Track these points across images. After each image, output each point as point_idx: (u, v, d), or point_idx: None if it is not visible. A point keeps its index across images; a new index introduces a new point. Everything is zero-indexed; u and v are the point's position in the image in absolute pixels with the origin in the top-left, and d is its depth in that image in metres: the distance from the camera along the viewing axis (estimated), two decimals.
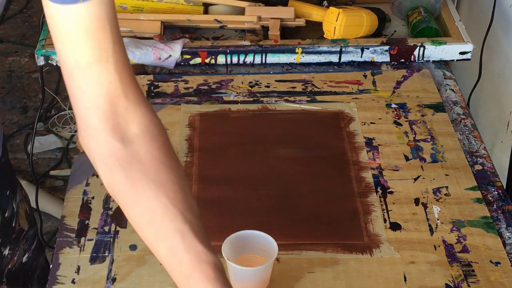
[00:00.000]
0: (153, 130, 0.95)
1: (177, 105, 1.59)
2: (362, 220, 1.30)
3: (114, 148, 0.93)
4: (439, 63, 1.73)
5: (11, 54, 3.35)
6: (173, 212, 0.93)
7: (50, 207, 2.52)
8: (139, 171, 0.93)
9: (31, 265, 1.36)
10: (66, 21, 0.88)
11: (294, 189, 1.37)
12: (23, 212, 1.31)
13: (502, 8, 1.92)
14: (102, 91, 0.91)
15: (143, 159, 0.93)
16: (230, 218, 1.30)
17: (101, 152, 0.94)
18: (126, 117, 0.93)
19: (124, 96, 0.93)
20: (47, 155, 2.81)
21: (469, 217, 1.31)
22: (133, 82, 0.94)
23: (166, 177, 0.94)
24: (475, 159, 1.45)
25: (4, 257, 1.27)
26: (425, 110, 1.57)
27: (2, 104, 3.05)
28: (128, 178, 0.93)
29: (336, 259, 1.24)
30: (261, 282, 1.16)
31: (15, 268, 1.31)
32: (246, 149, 1.47)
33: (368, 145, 1.47)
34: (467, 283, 1.19)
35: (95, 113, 0.92)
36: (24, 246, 1.32)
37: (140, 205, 0.94)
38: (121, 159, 0.93)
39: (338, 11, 1.71)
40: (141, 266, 1.22)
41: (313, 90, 1.63)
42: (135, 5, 1.79)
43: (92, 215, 1.32)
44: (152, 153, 0.94)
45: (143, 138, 0.94)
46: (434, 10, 1.83)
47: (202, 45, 1.72)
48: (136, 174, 0.93)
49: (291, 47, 1.70)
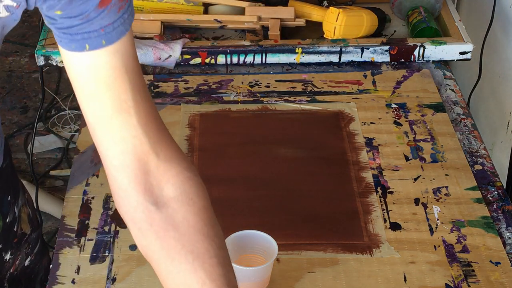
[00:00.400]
0: (190, 192, 0.90)
1: (177, 105, 1.59)
2: (362, 220, 1.30)
3: (148, 212, 0.88)
4: (439, 63, 1.73)
5: (11, 54, 3.34)
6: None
7: (50, 207, 2.52)
8: (174, 239, 0.88)
9: (34, 268, 1.35)
10: (80, 70, 0.85)
11: (294, 189, 1.37)
12: (26, 216, 1.30)
13: (502, 8, 1.92)
14: (127, 148, 0.86)
15: (179, 226, 0.88)
16: (230, 218, 1.30)
17: (133, 215, 0.89)
18: (159, 176, 0.88)
19: (154, 153, 0.87)
20: (47, 155, 2.81)
21: (469, 217, 1.31)
22: (163, 136, 0.89)
23: (204, 249, 0.88)
24: (475, 159, 1.45)
25: (5, 262, 1.26)
26: (425, 110, 1.57)
27: (2, 104, 3.05)
28: (164, 247, 0.88)
29: (336, 259, 1.24)
30: (261, 282, 1.16)
31: (17, 272, 1.29)
32: (246, 149, 1.47)
33: (368, 145, 1.47)
34: (467, 283, 1.19)
35: (123, 172, 0.87)
36: (27, 250, 1.31)
37: (175, 276, 0.88)
38: (155, 225, 0.88)
39: (338, 11, 1.71)
40: (141, 266, 1.22)
41: (313, 90, 1.63)
42: (135, 5, 1.79)
43: (92, 215, 1.32)
44: (188, 219, 0.88)
45: (179, 202, 0.89)
46: (434, 10, 1.83)
47: (202, 45, 1.72)
48: (172, 242, 0.88)
49: (291, 47, 1.70)
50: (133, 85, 0.86)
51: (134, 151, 0.87)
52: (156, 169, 0.88)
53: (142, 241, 0.90)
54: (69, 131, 2.88)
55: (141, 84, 0.88)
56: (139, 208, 0.88)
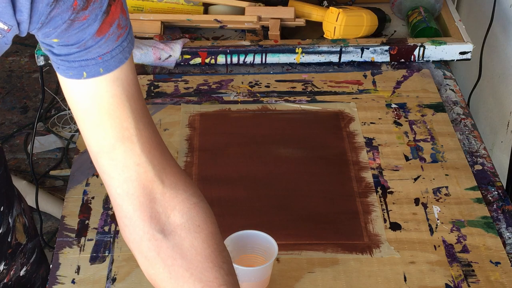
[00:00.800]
0: (197, 219, 0.89)
1: (177, 105, 1.59)
2: (362, 220, 1.30)
3: (154, 240, 0.87)
4: (439, 63, 1.73)
5: (11, 54, 3.34)
6: None
7: (50, 207, 2.52)
8: (182, 267, 0.87)
9: (30, 278, 1.32)
10: (80, 98, 0.84)
11: (294, 189, 1.37)
12: (21, 226, 1.27)
13: (502, 8, 1.92)
14: (131, 176, 0.86)
15: (186, 254, 0.87)
16: (230, 218, 1.30)
17: (140, 243, 0.88)
18: (164, 203, 0.88)
19: (159, 180, 0.87)
20: (47, 155, 2.81)
21: (469, 217, 1.31)
22: (167, 162, 0.88)
23: (213, 277, 0.88)
24: (475, 159, 1.45)
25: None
26: (425, 110, 1.57)
27: (2, 104, 3.06)
28: (172, 276, 0.87)
29: (336, 259, 1.24)
30: (261, 282, 1.16)
31: (11, 282, 1.25)
32: (246, 149, 1.47)
33: (368, 145, 1.47)
34: (467, 283, 1.19)
35: (128, 201, 0.86)
36: (22, 260, 1.28)
37: None
38: (162, 253, 0.87)
39: (338, 11, 1.71)
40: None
41: (313, 90, 1.63)
42: (135, 5, 1.79)
43: (92, 215, 1.32)
44: (196, 247, 0.88)
45: (186, 229, 0.88)
46: (434, 10, 1.83)
47: (202, 45, 1.72)
48: (180, 271, 0.87)
49: (291, 47, 1.70)
50: (135, 112, 0.85)
51: (138, 179, 0.86)
52: (161, 196, 0.88)
53: (150, 270, 0.89)
54: (69, 131, 2.88)
55: (143, 111, 0.87)
56: (145, 236, 0.88)
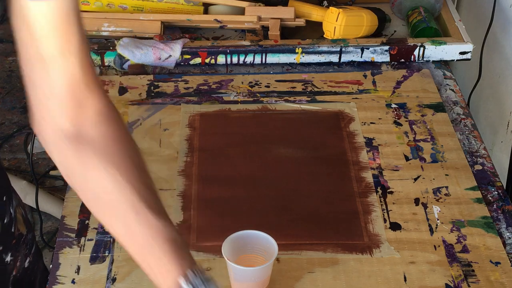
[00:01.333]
0: (108, 114, 0.95)
1: (177, 105, 1.59)
2: (362, 220, 1.30)
3: (68, 132, 0.93)
4: (439, 63, 1.73)
5: (11, 54, 3.34)
6: (125, 186, 0.91)
7: (50, 207, 2.52)
8: (90, 150, 0.92)
9: (33, 269, 1.35)
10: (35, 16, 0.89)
11: (294, 189, 1.37)
12: (21, 217, 1.30)
13: (502, 8, 1.92)
14: (64, 82, 0.91)
15: (95, 139, 0.93)
16: (230, 218, 1.30)
17: (55, 138, 0.94)
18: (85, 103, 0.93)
19: (85, 85, 0.92)
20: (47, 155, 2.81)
21: (469, 217, 1.31)
22: (92, 71, 0.94)
23: (119, 154, 0.93)
24: (475, 159, 1.45)
25: (7, 264, 1.26)
26: (425, 110, 1.57)
27: (2, 104, 3.05)
28: (79, 157, 0.93)
29: (336, 259, 1.24)
30: (261, 282, 1.16)
31: (19, 274, 1.30)
32: (246, 149, 1.47)
33: (368, 145, 1.47)
34: (467, 283, 1.19)
35: (55, 102, 0.92)
36: (25, 251, 1.31)
37: (91, 184, 0.93)
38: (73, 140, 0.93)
39: (338, 11, 1.71)
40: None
41: (313, 90, 1.63)
42: (135, 5, 1.79)
43: (92, 215, 1.32)
44: (105, 134, 0.94)
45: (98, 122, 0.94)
46: (434, 10, 1.83)
47: (202, 45, 1.72)
48: (87, 152, 0.92)
49: (291, 47, 1.70)
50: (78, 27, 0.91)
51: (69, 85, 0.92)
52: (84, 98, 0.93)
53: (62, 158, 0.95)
54: None
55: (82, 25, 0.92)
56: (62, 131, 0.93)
